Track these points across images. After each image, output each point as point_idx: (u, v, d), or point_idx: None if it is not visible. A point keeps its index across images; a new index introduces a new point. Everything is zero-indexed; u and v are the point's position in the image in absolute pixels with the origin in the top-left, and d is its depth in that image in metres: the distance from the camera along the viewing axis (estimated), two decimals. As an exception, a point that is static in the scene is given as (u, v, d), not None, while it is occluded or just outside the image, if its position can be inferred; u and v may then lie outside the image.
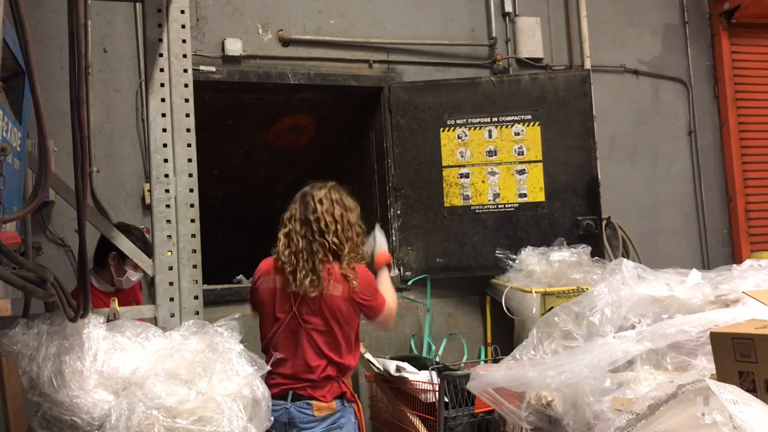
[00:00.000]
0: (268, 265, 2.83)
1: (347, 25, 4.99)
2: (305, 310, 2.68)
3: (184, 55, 2.38)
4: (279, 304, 2.71)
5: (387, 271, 3.05)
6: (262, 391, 1.99)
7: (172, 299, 2.28)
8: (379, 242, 3.12)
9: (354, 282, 2.69)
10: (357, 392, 4.27)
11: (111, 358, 1.89)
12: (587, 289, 3.11)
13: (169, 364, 1.87)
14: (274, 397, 2.40)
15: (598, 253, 4.65)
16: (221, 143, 5.74)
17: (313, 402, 2.59)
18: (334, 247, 2.71)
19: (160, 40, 2.36)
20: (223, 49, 4.63)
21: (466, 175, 4.93)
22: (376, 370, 3.70)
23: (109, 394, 1.83)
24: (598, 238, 4.90)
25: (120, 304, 2.21)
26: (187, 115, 2.36)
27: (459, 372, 3.33)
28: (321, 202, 2.77)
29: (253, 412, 1.94)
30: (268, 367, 2.05)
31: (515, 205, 4.90)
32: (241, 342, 2.06)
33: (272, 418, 2.05)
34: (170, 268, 2.30)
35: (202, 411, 1.79)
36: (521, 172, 4.92)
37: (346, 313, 2.70)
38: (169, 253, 2.30)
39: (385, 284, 2.96)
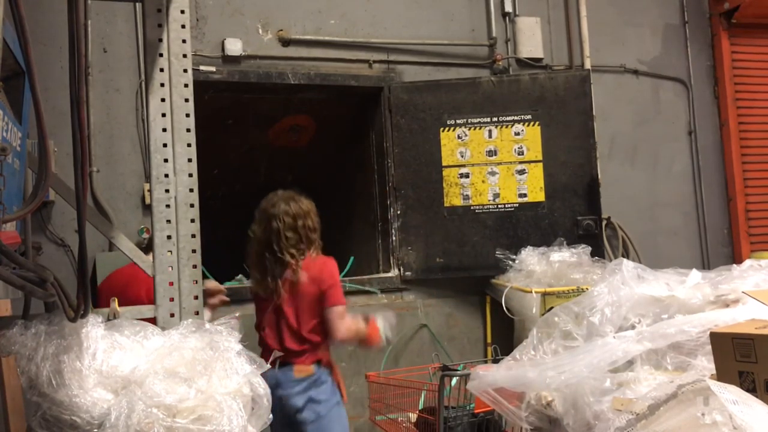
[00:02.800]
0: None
1: (347, 25, 4.99)
2: (282, 298, 3.19)
3: (184, 55, 2.38)
4: (265, 296, 3.27)
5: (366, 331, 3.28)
6: (263, 388, 1.99)
7: (172, 299, 2.28)
8: (381, 325, 3.33)
9: (315, 269, 3.19)
10: (357, 392, 4.28)
11: (110, 356, 1.89)
12: (587, 289, 3.11)
13: (169, 363, 1.87)
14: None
15: (598, 253, 4.65)
16: (221, 143, 5.74)
17: (294, 366, 3.11)
18: (296, 251, 3.20)
19: (160, 40, 2.36)
20: (223, 49, 4.63)
21: (466, 175, 4.93)
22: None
23: (108, 392, 1.83)
24: (598, 238, 4.90)
25: None
26: (187, 115, 2.36)
27: (459, 372, 3.32)
28: (279, 219, 3.23)
29: (253, 411, 1.94)
30: (268, 366, 2.05)
31: (515, 205, 4.90)
32: (241, 342, 2.07)
33: (272, 416, 2.05)
34: (170, 268, 2.29)
35: (201, 410, 1.79)
36: (521, 172, 4.92)
37: (312, 295, 3.14)
38: (169, 253, 2.29)
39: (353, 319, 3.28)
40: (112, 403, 1.79)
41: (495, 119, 4.93)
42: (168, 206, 2.31)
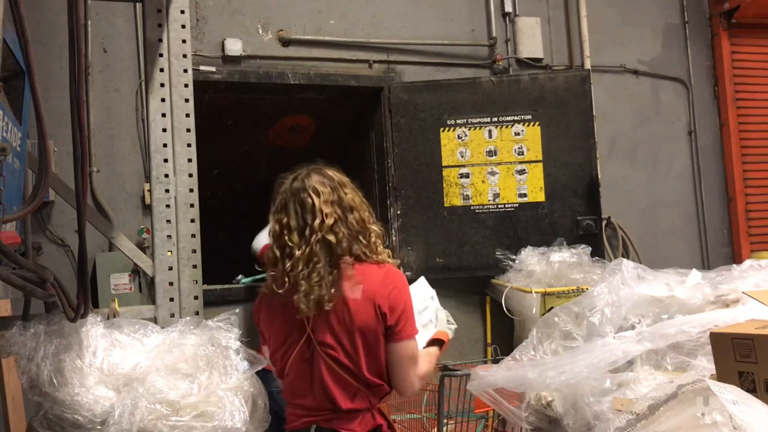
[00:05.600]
0: (267, 285, 2.08)
1: (347, 25, 4.99)
2: (320, 327, 1.98)
3: (184, 55, 2.38)
4: (289, 324, 2.02)
5: (437, 348, 2.31)
6: (257, 386, 2.00)
7: (172, 299, 2.29)
8: (440, 318, 2.54)
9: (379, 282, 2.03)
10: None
11: (110, 355, 1.89)
12: (587, 289, 3.11)
13: (169, 359, 1.88)
14: (295, 429, 2.02)
15: (598, 253, 4.65)
16: (221, 143, 5.74)
17: None
18: (347, 242, 2.02)
19: (160, 40, 2.36)
20: (223, 49, 4.63)
21: (466, 175, 4.93)
22: None
23: (110, 390, 1.84)
24: (598, 238, 4.89)
25: None
26: (187, 115, 2.36)
27: (459, 372, 3.32)
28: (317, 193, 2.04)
29: (253, 407, 1.95)
30: (267, 361, 2.03)
31: (515, 205, 4.90)
32: (241, 338, 2.07)
33: (270, 419, 2.04)
34: (170, 268, 2.30)
35: (204, 405, 1.80)
36: (521, 172, 4.92)
37: (371, 319, 1.99)
38: (169, 253, 2.30)
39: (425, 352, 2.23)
40: (115, 401, 1.80)
41: (495, 119, 4.93)
42: (168, 206, 2.32)
